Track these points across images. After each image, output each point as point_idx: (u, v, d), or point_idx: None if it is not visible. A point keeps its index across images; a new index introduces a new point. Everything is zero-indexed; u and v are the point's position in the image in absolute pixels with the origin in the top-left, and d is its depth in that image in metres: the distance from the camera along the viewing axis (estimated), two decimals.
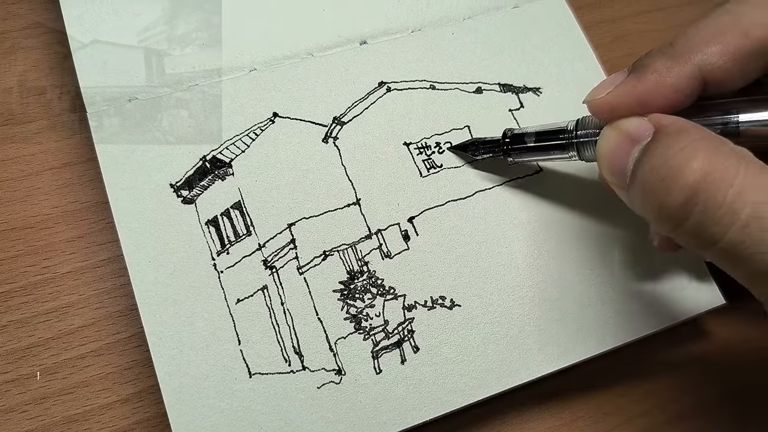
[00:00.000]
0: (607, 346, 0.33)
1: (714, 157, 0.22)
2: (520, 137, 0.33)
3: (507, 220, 0.35)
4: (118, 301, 0.34)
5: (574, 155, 0.30)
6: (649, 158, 0.24)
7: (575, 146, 0.30)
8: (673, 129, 0.24)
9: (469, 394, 0.31)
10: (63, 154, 0.36)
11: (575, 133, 0.30)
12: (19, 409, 0.31)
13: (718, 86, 0.26)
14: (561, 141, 0.31)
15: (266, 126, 0.35)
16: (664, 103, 0.26)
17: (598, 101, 0.27)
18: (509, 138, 0.33)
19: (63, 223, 0.35)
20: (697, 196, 0.22)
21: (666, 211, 0.23)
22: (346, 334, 0.32)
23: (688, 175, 0.22)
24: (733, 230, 0.22)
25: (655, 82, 0.26)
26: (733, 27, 0.26)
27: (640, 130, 0.25)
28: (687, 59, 0.26)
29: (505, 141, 0.33)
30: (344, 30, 0.37)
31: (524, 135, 0.33)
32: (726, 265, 0.23)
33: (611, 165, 0.26)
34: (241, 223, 0.33)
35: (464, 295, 0.33)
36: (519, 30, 0.39)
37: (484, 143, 0.35)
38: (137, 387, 0.32)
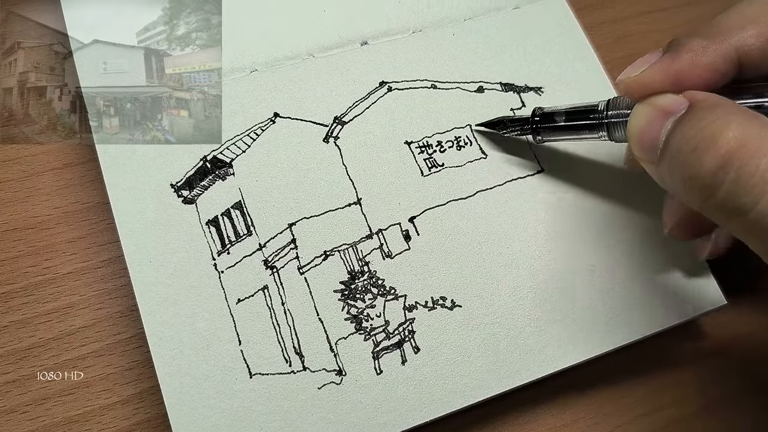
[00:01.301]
0: (609, 347, 0.33)
1: (748, 128, 0.22)
2: (549, 116, 0.33)
3: (508, 221, 0.35)
4: (118, 301, 0.34)
5: (604, 135, 0.30)
6: (681, 128, 0.24)
7: (605, 126, 0.30)
8: (708, 103, 0.24)
9: (470, 395, 0.31)
10: (64, 155, 0.36)
11: (606, 113, 0.30)
12: (19, 409, 0.31)
13: (754, 68, 0.26)
14: (591, 121, 0.30)
15: (267, 126, 0.35)
16: (699, 82, 0.26)
17: (632, 79, 0.27)
18: (539, 116, 0.33)
19: (64, 224, 0.35)
20: (730, 164, 0.22)
21: (697, 181, 0.23)
22: (346, 335, 0.32)
23: (722, 144, 0.22)
24: (765, 200, 0.22)
25: (691, 60, 0.26)
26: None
27: (673, 105, 0.25)
28: (723, 39, 0.26)
29: (535, 119, 0.33)
30: (345, 31, 0.37)
31: (554, 114, 0.32)
32: (753, 237, 0.23)
33: (642, 139, 0.26)
34: (241, 223, 0.33)
35: (465, 295, 0.33)
36: (520, 30, 0.39)
37: (512, 121, 0.35)
38: (138, 388, 0.32)
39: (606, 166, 0.36)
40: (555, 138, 0.33)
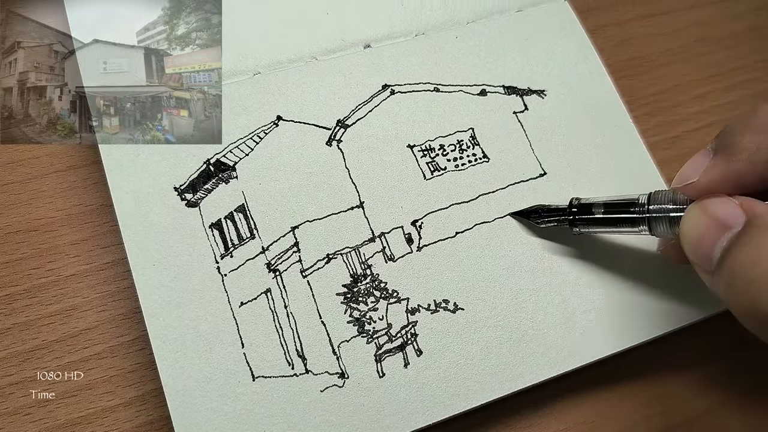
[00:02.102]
0: (611, 351, 0.33)
1: None
2: (587, 208, 0.32)
3: (511, 224, 0.35)
4: (121, 304, 0.34)
5: (645, 230, 0.29)
6: (738, 253, 0.23)
7: (647, 221, 0.29)
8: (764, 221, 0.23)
9: (472, 398, 0.31)
10: (67, 157, 0.36)
11: (647, 207, 0.29)
12: (22, 411, 0.32)
13: None
14: (632, 215, 0.30)
15: (270, 129, 0.35)
16: (759, 182, 0.25)
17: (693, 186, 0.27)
18: (576, 208, 0.32)
19: (67, 226, 0.35)
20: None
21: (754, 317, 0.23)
22: (349, 338, 0.32)
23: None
24: None
25: (747, 161, 0.25)
26: None
27: (730, 217, 0.24)
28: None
29: (572, 210, 0.32)
30: (348, 34, 0.37)
31: (592, 206, 0.32)
32: None
33: (696, 248, 0.26)
34: (244, 227, 0.33)
35: (468, 298, 0.33)
36: (523, 33, 0.39)
37: (548, 211, 0.34)
38: (141, 390, 0.32)
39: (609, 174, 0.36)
40: (593, 230, 0.32)
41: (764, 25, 0.46)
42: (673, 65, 0.44)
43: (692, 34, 0.45)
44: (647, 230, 0.29)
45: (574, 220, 0.32)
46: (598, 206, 0.31)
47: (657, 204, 0.29)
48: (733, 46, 0.45)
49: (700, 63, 0.44)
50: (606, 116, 0.38)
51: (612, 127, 0.37)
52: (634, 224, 0.30)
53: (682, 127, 0.42)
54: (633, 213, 0.30)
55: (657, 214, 0.29)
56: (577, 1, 0.40)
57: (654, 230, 0.29)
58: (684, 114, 0.42)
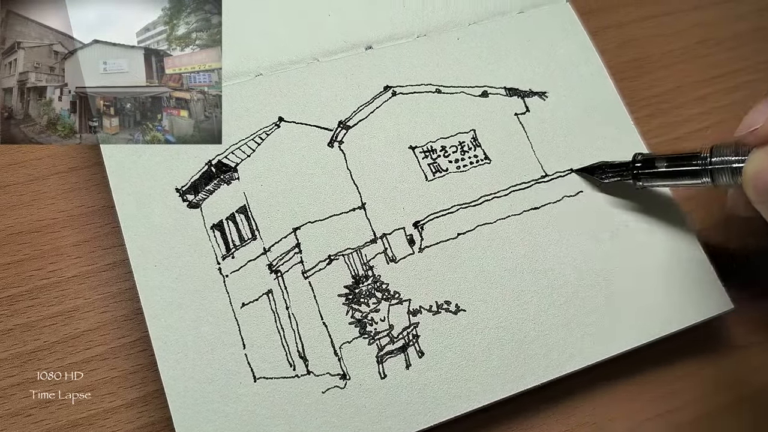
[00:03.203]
0: (613, 352, 0.33)
1: None
2: (650, 161, 0.33)
3: (512, 225, 0.34)
4: (123, 305, 0.34)
5: (708, 181, 0.30)
6: None
7: (709, 173, 0.30)
8: None
9: (474, 400, 0.31)
10: (69, 159, 0.36)
11: (710, 159, 0.30)
12: (24, 412, 0.32)
13: None
14: (694, 167, 0.30)
15: (272, 130, 0.35)
16: None
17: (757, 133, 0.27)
18: (639, 162, 0.33)
19: (69, 228, 0.35)
20: None
21: None
22: (350, 339, 0.32)
23: None
24: None
25: None
26: None
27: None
28: None
29: (636, 165, 0.33)
30: (350, 35, 0.38)
31: (655, 159, 0.32)
32: None
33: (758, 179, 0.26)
34: (246, 228, 0.33)
35: (469, 299, 0.33)
36: (524, 35, 0.39)
37: (611, 166, 0.35)
38: (142, 391, 0.32)
39: None
40: (655, 183, 0.33)
41: (767, 27, 0.46)
42: (675, 67, 0.44)
43: (694, 36, 0.45)
44: (710, 181, 0.30)
45: (637, 174, 0.33)
46: (660, 160, 0.32)
47: (719, 156, 0.29)
48: (735, 48, 0.45)
49: (702, 64, 0.44)
50: (607, 118, 0.38)
51: (613, 128, 0.37)
52: (696, 176, 0.31)
53: (683, 129, 0.42)
54: (695, 165, 0.30)
55: (720, 165, 0.29)
56: (579, 3, 0.40)
57: (717, 180, 0.30)
58: (686, 115, 0.42)
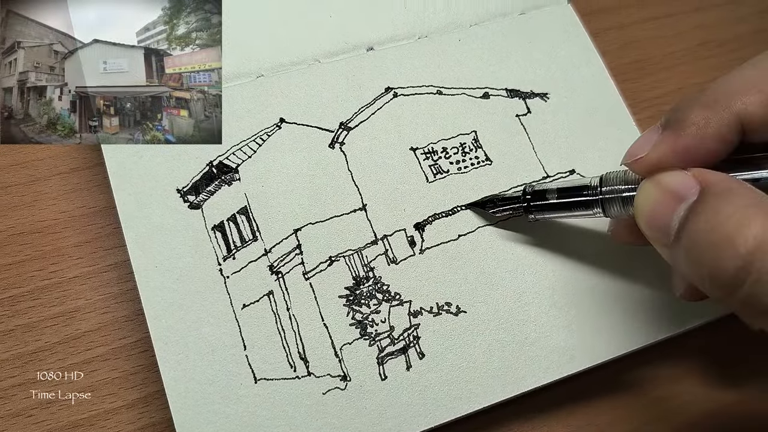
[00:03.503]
0: (614, 354, 0.33)
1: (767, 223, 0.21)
2: (541, 194, 0.32)
3: (513, 227, 0.34)
4: (124, 306, 0.34)
5: (599, 212, 0.30)
6: (695, 220, 0.23)
7: (600, 203, 0.29)
8: (721, 189, 0.23)
9: (475, 401, 0.31)
10: (71, 159, 0.37)
11: (600, 189, 0.29)
12: (25, 413, 0.32)
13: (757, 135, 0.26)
14: (585, 197, 0.30)
15: (273, 131, 0.35)
16: (707, 155, 0.25)
17: (642, 161, 0.26)
18: (530, 194, 0.32)
19: (70, 228, 0.35)
20: (751, 265, 0.21)
21: (717, 280, 0.22)
22: (351, 340, 0.32)
23: (741, 243, 0.21)
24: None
25: (695, 134, 0.25)
26: None
27: (684, 188, 0.24)
28: (725, 108, 0.25)
29: (526, 197, 0.32)
30: (351, 36, 0.38)
31: (545, 192, 0.32)
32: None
33: (652, 222, 0.25)
34: (247, 229, 0.33)
35: (470, 301, 0.33)
36: (526, 36, 0.39)
37: (503, 200, 0.34)
38: (143, 392, 0.33)
39: None
40: (548, 215, 0.32)
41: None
42: (677, 68, 0.44)
43: (696, 37, 0.45)
44: (601, 212, 0.30)
45: (528, 207, 0.32)
46: (551, 192, 0.32)
47: (609, 185, 0.29)
48: (736, 49, 0.45)
49: (704, 66, 0.44)
50: (609, 119, 0.38)
51: (615, 130, 0.37)
52: (588, 207, 0.30)
53: None
54: (586, 195, 0.30)
55: (609, 195, 0.29)
56: (580, 4, 0.40)
57: (608, 211, 0.29)
58: None
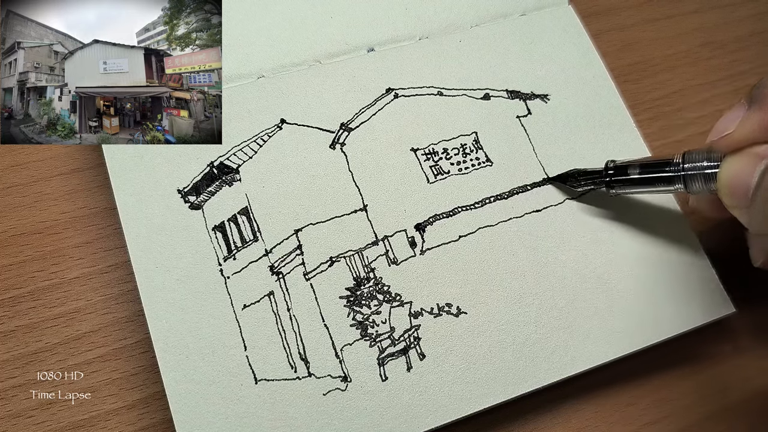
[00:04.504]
0: (615, 355, 0.33)
1: None
2: (623, 169, 0.32)
3: (514, 228, 0.34)
4: (125, 306, 0.34)
5: (681, 187, 0.30)
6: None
7: (682, 179, 0.30)
8: None
9: (476, 402, 0.31)
10: (72, 160, 0.37)
11: (682, 165, 0.30)
12: (25, 414, 0.32)
13: None
14: (668, 173, 0.30)
15: (274, 132, 0.35)
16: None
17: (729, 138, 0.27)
18: (612, 169, 0.33)
19: (71, 229, 0.35)
20: None
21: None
22: (352, 341, 0.32)
23: None
24: None
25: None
26: None
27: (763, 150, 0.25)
28: None
29: (608, 172, 0.33)
30: (352, 37, 0.38)
31: (628, 167, 0.32)
32: None
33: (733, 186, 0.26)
34: (248, 229, 0.33)
35: (471, 302, 0.33)
36: (526, 37, 0.39)
37: (584, 174, 0.34)
38: (143, 393, 0.32)
39: None
40: (629, 191, 0.33)
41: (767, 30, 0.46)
42: (677, 69, 0.44)
43: (696, 39, 0.45)
44: (683, 187, 0.30)
45: (610, 181, 0.33)
46: (633, 167, 0.32)
47: (691, 162, 0.29)
48: (736, 51, 0.45)
49: (704, 67, 0.44)
50: (609, 121, 0.38)
51: (615, 131, 0.37)
52: (669, 183, 0.31)
53: (685, 132, 0.42)
54: (668, 171, 0.30)
55: (692, 171, 0.29)
56: (581, 6, 0.41)
57: (690, 187, 0.30)
58: (688, 118, 0.42)
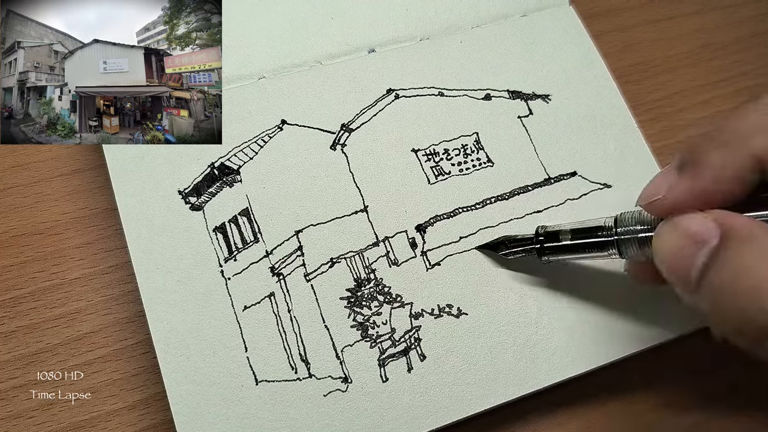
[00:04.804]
0: (616, 356, 0.33)
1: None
2: (554, 235, 0.31)
3: (515, 229, 0.34)
4: (125, 307, 0.34)
5: (614, 253, 0.29)
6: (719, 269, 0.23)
7: (615, 244, 0.29)
8: (744, 234, 0.23)
9: (476, 403, 0.31)
10: (73, 161, 0.37)
11: (615, 230, 0.29)
12: (26, 414, 0.32)
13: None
14: (600, 239, 0.29)
15: (274, 133, 0.35)
16: (725, 197, 0.25)
17: (659, 204, 0.26)
18: (543, 236, 0.32)
19: (72, 230, 0.35)
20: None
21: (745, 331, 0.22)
22: (352, 342, 0.32)
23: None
24: None
25: (713, 177, 0.25)
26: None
27: (705, 232, 0.24)
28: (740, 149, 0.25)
29: (539, 239, 0.32)
30: (352, 38, 0.38)
31: (559, 233, 0.31)
32: None
33: (673, 268, 0.25)
34: (248, 230, 0.33)
35: (471, 303, 0.33)
36: (527, 38, 0.39)
37: (515, 241, 0.33)
38: (144, 393, 0.32)
39: None
40: (562, 257, 0.32)
41: None
42: (678, 70, 0.44)
43: (697, 40, 0.45)
44: (617, 253, 0.29)
45: (542, 248, 0.32)
46: (565, 233, 0.31)
47: (624, 226, 0.28)
48: (738, 52, 0.45)
49: (705, 68, 0.44)
50: (611, 121, 0.38)
51: (617, 132, 0.37)
52: (602, 248, 0.29)
53: (686, 133, 0.42)
54: (601, 236, 0.29)
55: (625, 236, 0.28)
56: (582, 6, 0.40)
57: (624, 253, 0.29)
58: (689, 119, 0.42)
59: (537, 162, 0.36)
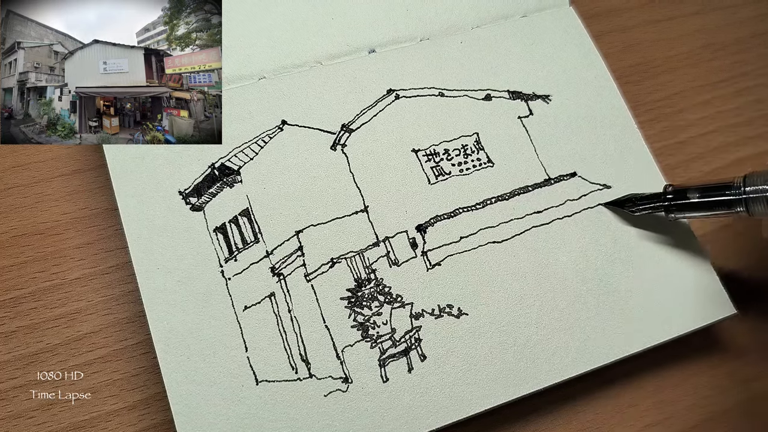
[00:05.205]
0: (616, 356, 0.33)
1: None
2: (682, 193, 0.32)
3: (515, 229, 0.34)
4: (126, 307, 0.34)
5: (743, 211, 0.30)
6: None
7: (744, 202, 0.29)
8: None
9: (476, 404, 0.31)
10: (73, 161, 0.37)
11: (743, 189, 0.29)
12: (26, 415, 0.32)
13: None
14: (728, 197, 0.30)
15: (275, 133, 0.35)
16: None
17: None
18: (671, 194, 0.33)
19: (72, 230, 0.35)
20: None
21: None
22: (353, 342, 0.32)
23: None
24: None
25: None
26: None
27: None
28: None
29: (667, 197, 0.33)
30: (353, 39, 0.38)
31: (687, 190, 0.32)
32: None
33: None
34: (249, 230, 0.33)
35: (472, 303, 0.33)
36: (528, 39, 0.39)
37: (642, 199, 0.34)
38: (144, 394, 0.32)
39: None
40: (688, 215, 0.33)
41: None
42: (678, 71, 0.44)
43: (697, 40, 0.45)
44: (745, 211, 0.30)
45: (669, 206, 0.33)
46: (693, 191, 0.32)
47: (753, 185, 0.29)
48: (737, 53, 0.45)
49: (705, 69, 0.44)
50: (611, 121, 0.38)
51: (617, 132, 0.37)
52: (730, 206, 0.30)
53: (686, 133, 0.42)
54: (729, 195, 0.30)
55: (754, 194, 0.29)
56: (583, 7, 0.41)
57: (752, 210, 0.29)
58: (689, 120, 0.42)
59: (537, 162, 0.36)
